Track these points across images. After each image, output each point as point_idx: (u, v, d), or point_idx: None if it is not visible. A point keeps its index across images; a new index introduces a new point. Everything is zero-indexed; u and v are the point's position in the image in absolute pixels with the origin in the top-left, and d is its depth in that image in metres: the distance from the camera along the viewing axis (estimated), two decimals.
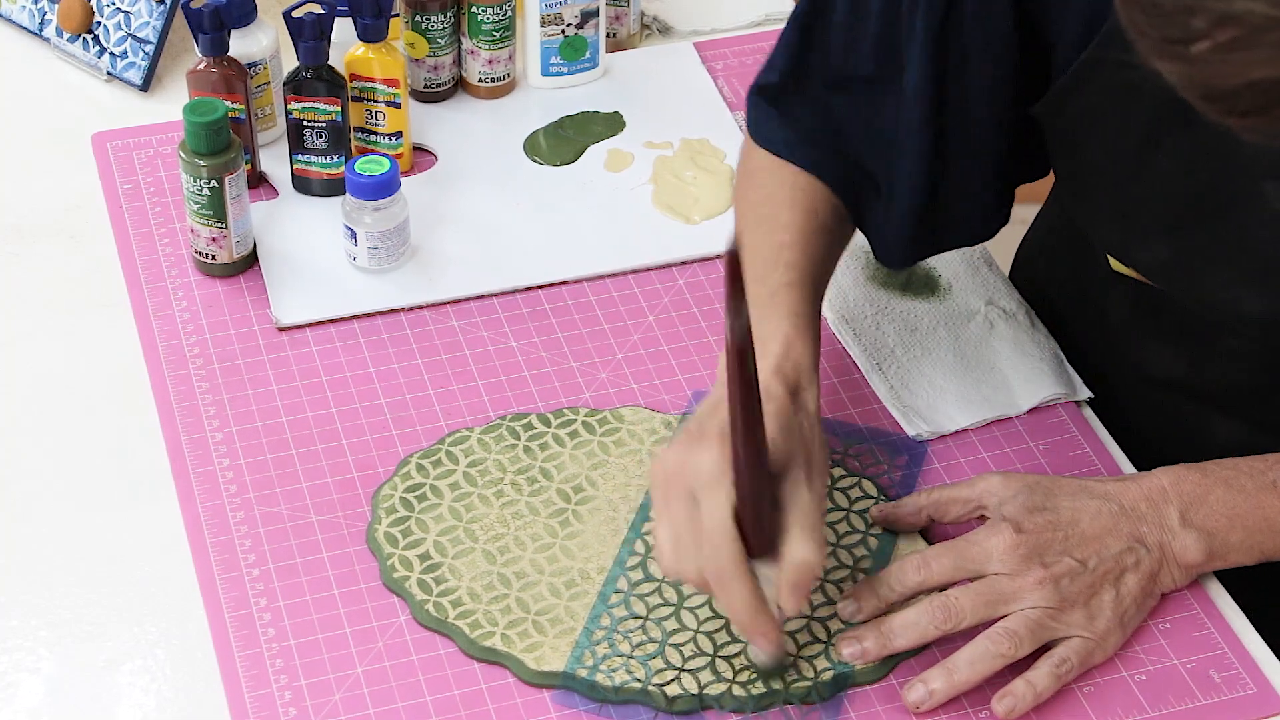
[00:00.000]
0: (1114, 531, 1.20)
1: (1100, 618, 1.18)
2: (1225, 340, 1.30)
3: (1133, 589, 1.20)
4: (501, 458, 1.32)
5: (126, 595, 1.24)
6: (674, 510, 1.14)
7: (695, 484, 1.13)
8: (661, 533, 1.14)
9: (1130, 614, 1.20)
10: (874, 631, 1.19)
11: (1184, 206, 1.18)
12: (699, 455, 1.13)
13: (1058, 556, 1.19)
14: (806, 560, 1.13)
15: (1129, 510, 1.21)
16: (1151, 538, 1.20)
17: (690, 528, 1.13)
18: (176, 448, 1.33)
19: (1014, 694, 1.16)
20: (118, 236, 1.50)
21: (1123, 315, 1.37)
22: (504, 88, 1.64)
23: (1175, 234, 1.20)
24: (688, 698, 1.18)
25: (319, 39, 1.47)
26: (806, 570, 1.13)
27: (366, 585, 1.24)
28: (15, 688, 1.19)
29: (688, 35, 1.73)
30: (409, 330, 1.43)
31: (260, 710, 1.17)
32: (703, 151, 1.58)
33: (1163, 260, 1.22)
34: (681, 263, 1.49)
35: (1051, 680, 1.17)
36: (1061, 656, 1.17)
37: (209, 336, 1.42)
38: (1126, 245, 1.24)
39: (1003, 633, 1.17)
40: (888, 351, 1.40)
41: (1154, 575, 1.21)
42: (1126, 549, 1.20)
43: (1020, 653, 1.17)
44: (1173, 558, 1.21)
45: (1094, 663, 1.19)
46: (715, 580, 1.13)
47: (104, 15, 1.65)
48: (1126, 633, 1.20)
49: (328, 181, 1.53)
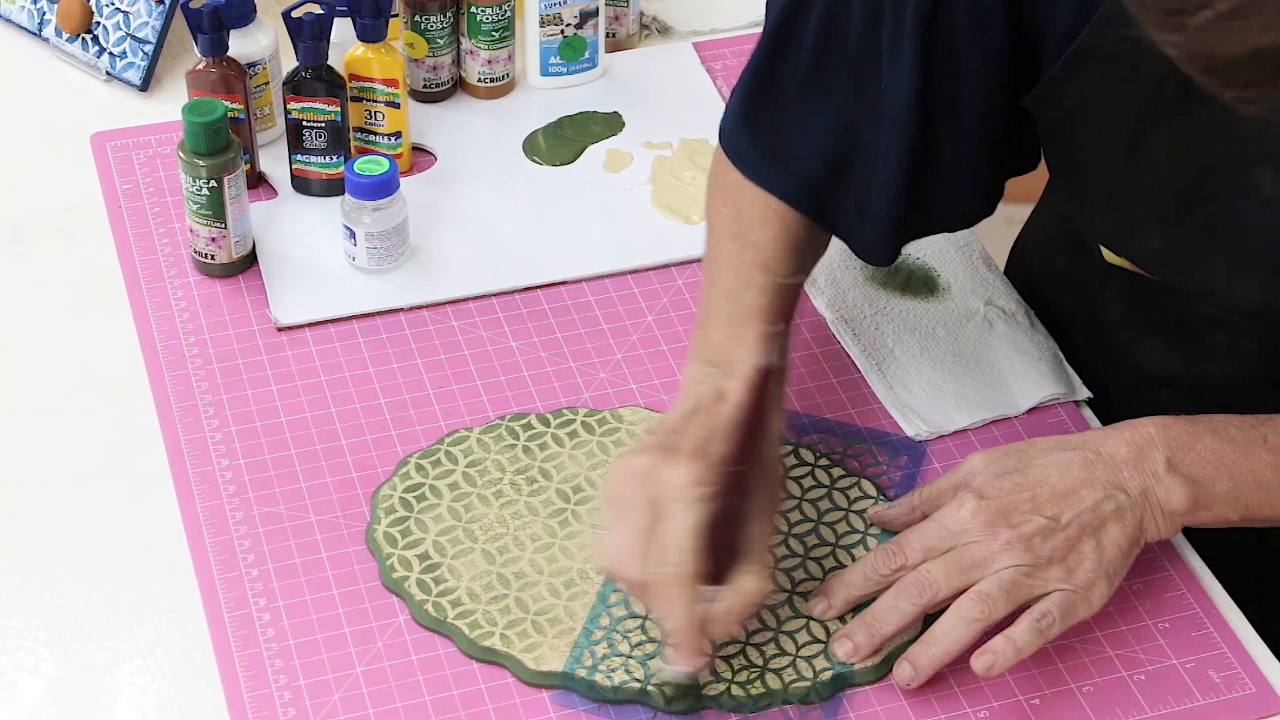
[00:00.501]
0: (1088, 482, 1.19)
1: (1080, 569, 1.17)
2: (1219, 335, 1.30)
3: (1116, 538, 1.18)
4: (501, 458, 1.32)
5: (126, 595, 1.24)
6: (631, 515, 1.15)
7: (660, 495, 1.14)
8: (615, 535, 1.15)
9: (1115, 564, 1.18)
10: (859, 625, 1.19)
11: (1176, 194, 1.18)
12: (670, 468, 1.14)
13: (1026, 516, 1.18)
14: (757, 591, 1.15)
15: (1106, 458, 1.20)
16: (1134, 484, 1.19)
17: (645, 536, 1.14)
18: (175, 448, 1.33)
19: (993, 650, 1.16)
20: (117, 237, 1.50)
21: (1118, 312, 1.37)
22: (503, 88, 1.64)
23: (1168, 223, 1.20)
24: (686, 698, 1.18)
25: (318, 39, 1.47)
26: (754, 600, 1.15)
27: (366, 585, 1.25)
28: (14, 688, 1.19)
29: (687, 35, 1.73)
30: (408, 330, 1.43)
31: (259, 710, 1.17)
32: (702, 152, 1.58)
33: (1156, 249, 1.22)
34: (680, 263, 1.49)
35: (1032, 634, 1.16)
36: (1042, 610, 1.16)
37: (208, 336, 1.42)
38: (1119, 235, 1.24)
39: (975, 596, 1.16)
40: (887, 352, 1.40)
41: (1139, 522, 1.19)
42: (1104, 497, 1.19)
43: (995, 614, 1.16)
44: (1157, 504, 1.19)
45: (1079, 615, 1.17)
46: (660, 591, 1.14)
47: (103, 15, 1.65)
48: (1113, 583, 1.18)
49: (327, 181, 1.53)
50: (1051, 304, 1.45)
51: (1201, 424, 1.21)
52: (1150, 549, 1.27)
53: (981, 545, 1.17)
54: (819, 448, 1.33)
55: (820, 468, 1.32)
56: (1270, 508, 1.20)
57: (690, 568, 1.13)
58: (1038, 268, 1.50)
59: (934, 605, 1.18)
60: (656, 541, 1.14)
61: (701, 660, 1.15)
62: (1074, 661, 1.21)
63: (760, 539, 1.16)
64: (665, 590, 1.13)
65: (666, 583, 1.13)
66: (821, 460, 1.32)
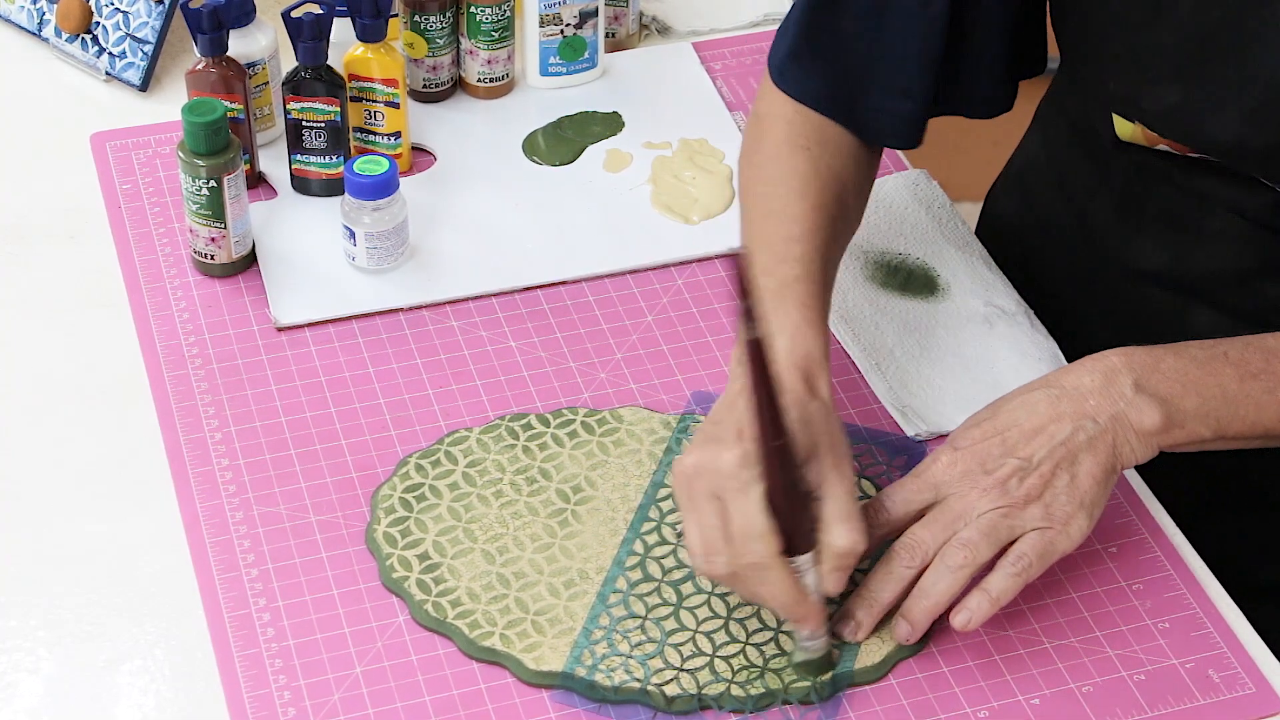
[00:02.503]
0: (1056, 418, 1.19)
1: (1057, 505, 1.17)
2: (1211, 221, 1.32)
3: (1090, 469, 1.18)
4: (500, 458, 1.32)
5: (126, 595, 1.24)
6: (701, 512, 1.15)
7: (718, 484, 1.14)
8: (691, 534, 1.16)
9: (1091, 494, 1.18)
10: (857, 600, 1.20)
11: (1197, 45, 1.21)
12: (720, 456, 1.15)
13: (1000, 461, 1.18)
14: (849, 548, 1.15)
15: (1072, 390, 1.20)
16: (1103, 412, 1.19)
17: (719, 527, 1.14)
18: (175, 448, 1.33)
19: (968, 607, 1.17)
20: (116, 237, 1.50)
21: (1106, 216, 1.39)
22: (503, 88, 1.64)
23: (1186, 76, 1.23)
24: (686, 697, 1.18)
25: (318, 39, 1.47)
26: (850, 557, 1.15)
27: (365, 585, 1.25)
28: (14, 688, 1.19)
29: (686, 35, 1.73)
30: (408, 330, 1.43)
31: (259, 710, 1.17)
32: (701, 151, 1.58)
33: (1170, 106, 1.24)
34: (680, 263, 1.49)
35: (1009, 580, 1.17)
36: (1017, 554, 1.17)
37: (208, 337, 1.42)
38: (1136, 94, 1.27)
39: (957, 544, 1.17)
40: (886, 351, 1.40)
41: (1112, 449, 1.19)
42: (1074, 430, 1.19)
43: (980, 558, 1.17)
44: (1129, 426, 1.19)
45: (1059, 551, 1.18)
46: (752, 574, 1.14)
47: (103, 15, 1.65)
48: (1092, 515, 1.18)
49: (327, 181, 1.53)
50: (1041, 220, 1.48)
51: (1162, 348, 1.22)
52: (1150, 549, 1.27)
53: (960, 498, 1.18)
54: None
55: None
56: (1240, 420, 1.20)
57: (772, 546, 1.13)
58: (1020, 200, 1.53)
59: (925, 565, 1.18)
60: (730, 532, 1.14)
61: (823, 623, 1.16)
62: (1074, 661, 1.21)
63: (836, 494, 1.15)
64: (758, 575, 1.14)
65: (756, 568, 1.13)
66: None
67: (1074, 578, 1.26)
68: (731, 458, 1.14)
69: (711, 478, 1.15)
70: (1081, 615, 1.23)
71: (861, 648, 1.20)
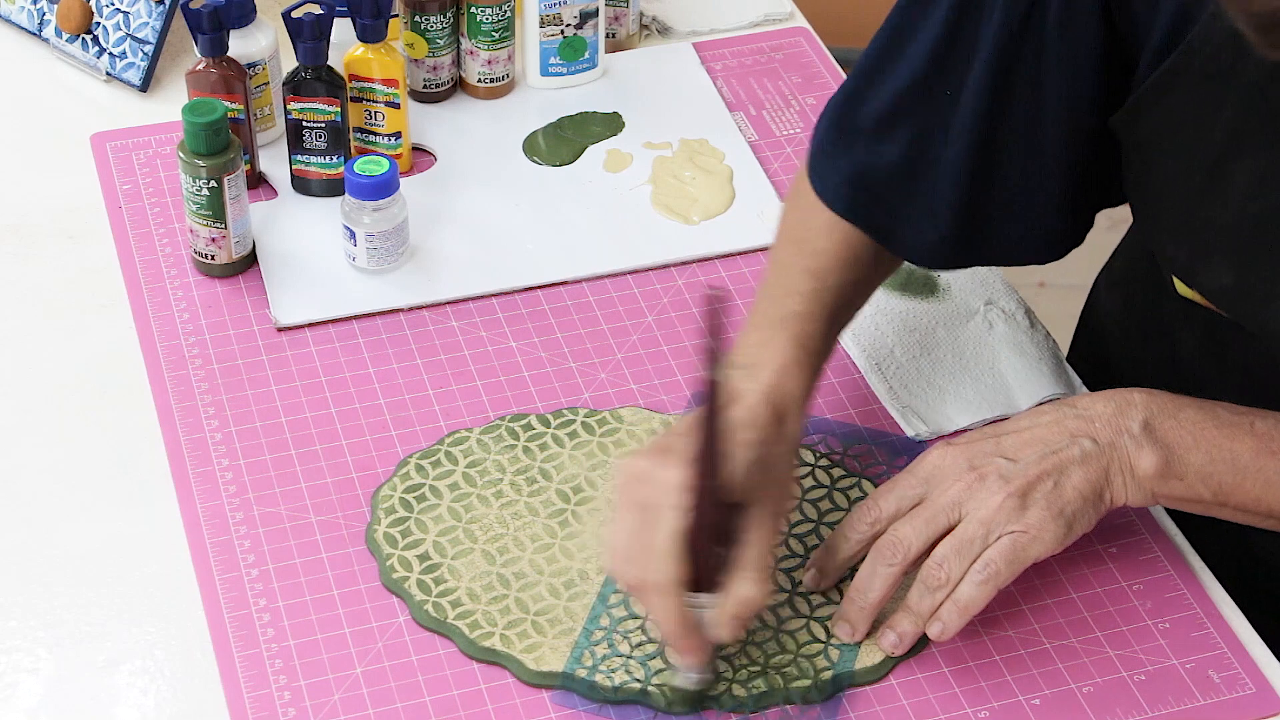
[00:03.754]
0: (1057, 430, 1.19)
1: (1033, 508, 1.16)
2: None
3: (1078, 483, 1.17)
4: (501, 458, 1.32)
5: (125, 595, 1.24)
6: (627, 517, 1.15)
7: (651, 497, 1.14)
8: (613, 535, 1.16)
9: (1073, 507, 1.17)
10: (847, 603, 1.20)
11: (1252, 229, 1.15)
12: (663, 470, 1.14)
13: (988, 458, 1.18)
14: (751, 597, 1.14)
15: (1082, 412, 1.19)
16: (1103, 436, 1.18)
17: (638, 537, 1.14)
18: (175, 448, 1.33)
19: (940, 618, 1.17)
20: (117, 237, 1.50)
21: (1191, 349, 1.34)
22: (503, 88, 1.64)
23: (1241, 258, 1.17)
24: (689, 702, 1.18)
25: (318, 39, 1.47)
26: (750, 606, 1.14)
27: (366, 586, 1.25)
28: (14, 688, 1.19)
29: (687, 36, 1.73)
30: (408, 331, 1.43)
31: (259, 710, 1.17)
32: (702, 152, 1.58)
33: (1227, 286, 1.19)
34: (680, 263, 1.49)
35: (976, 589, 1.16)
36: (985, 561, 1.16)
37: (208, 337, 1.42)
38: (1193, 268, 1.21)
39: (934, 564, 1.17)
40: (886, 352, 1.40)
41: (1105, 473, 1.18)
42: (1070, 442, 1.18)
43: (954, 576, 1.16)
44: (1126, 461, 1.18)
45: (1031, 556, 1.16)
46: (650, 593, 1.14)
47: (103, 15, 1.65)
48: (1072, 527, 1.17)
49: (327, 182, 1.53)
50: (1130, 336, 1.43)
51: (1191, 399, 1.20)
52: (1150, 549, 1.27)
53: (942, 492, 1.18)
54: (819, 448, 1.33)
55: (820, 468, 1.32)
56: (1243, 492, 1.18)
57: (672, 574, 1.13)
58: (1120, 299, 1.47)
59: (910, 562, 1.18)
60: (644, 545, 1.14)
61: (700, 664, 1.16)
62: (1074, 661, 1.21)
63: (759, 544, 1.15)
64: (653, 596, 1.14)
65: (653, 588, 1.13)
66: (821, 460, 1.32)
67: (1074, 578, 1.26)
68: (671, 476, 1.13)
69: (648, 489, 1.14)
70: (1082, 615, 1.23)
71: (861, 648, 1.20)
